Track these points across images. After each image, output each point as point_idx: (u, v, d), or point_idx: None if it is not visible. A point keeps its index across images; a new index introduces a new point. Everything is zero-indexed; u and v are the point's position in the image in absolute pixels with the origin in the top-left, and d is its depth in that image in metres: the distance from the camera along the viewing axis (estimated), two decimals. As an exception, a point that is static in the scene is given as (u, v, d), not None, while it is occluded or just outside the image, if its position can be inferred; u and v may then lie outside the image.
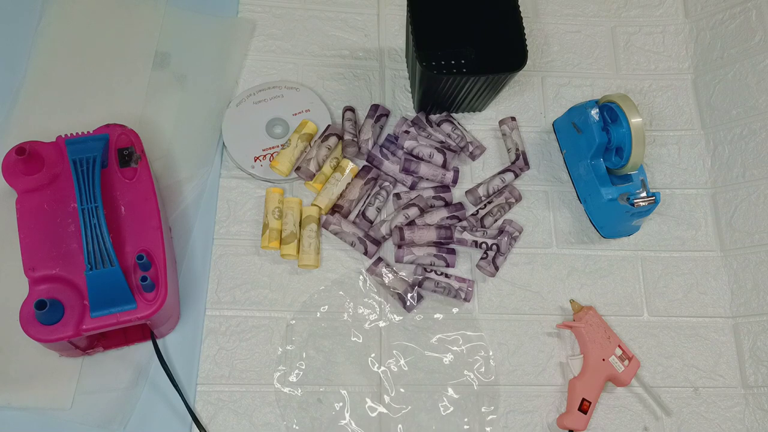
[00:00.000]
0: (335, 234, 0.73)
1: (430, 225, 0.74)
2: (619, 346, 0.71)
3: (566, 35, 0.88)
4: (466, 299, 0.72)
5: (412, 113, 0.81)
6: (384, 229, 0.73)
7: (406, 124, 0.77)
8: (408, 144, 0.76)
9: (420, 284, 0.72)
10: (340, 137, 0.76)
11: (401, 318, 0.72)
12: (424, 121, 0.79)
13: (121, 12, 0.80)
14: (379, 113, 0.78)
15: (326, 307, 0.72)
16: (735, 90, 0.81)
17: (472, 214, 0.76)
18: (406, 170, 0.75)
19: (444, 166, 0.76)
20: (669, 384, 0.73)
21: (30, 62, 0.76)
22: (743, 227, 0.77)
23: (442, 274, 0.72)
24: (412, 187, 0.77)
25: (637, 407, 0.72)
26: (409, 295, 0.71)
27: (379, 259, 0.72)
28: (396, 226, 0.73)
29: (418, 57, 0.70)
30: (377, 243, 0.73)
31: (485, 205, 0.77)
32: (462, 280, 0.72)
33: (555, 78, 0.85)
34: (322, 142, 0.75)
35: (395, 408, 0.68)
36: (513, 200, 0.77)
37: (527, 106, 0.84)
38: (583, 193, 0.77)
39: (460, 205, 0.76)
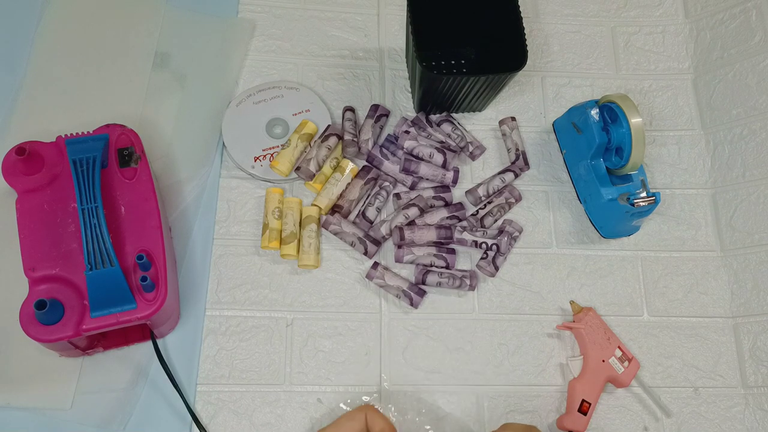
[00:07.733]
0: (335, 234, 0.73)
1: (430, 225, 0.74)
2: (619, 348, 0.71)
3: (566, 35, 0.88)
4: (471, 288, 0.72)
5: (412, 113, 0.81)
6: (384, 229, 0.73)
7: (406, 124, 0.77)
8: (408, 144, 0.76)
9: (423, 279, 0.72)
10: (340, 137, 0.76)
11: (407, 314, 0.72)
12: (424, 121, 0.78)
13: (121, 12, 0.80)
14: (379, 113, 0.78)
15: (330, 305, 0.72)
16: (735, 90, 0.81)
17: (472, 214, 0.76)
18: (406, 170, 0.75)
19: (444, 166, 0.76)
20: (669, 384, 0.73)
21: (30, 62, 0.76)
22: (743, 227, 0.77)
23: (443, 268, 0.73)
24: (412, 187, 0.77)
25: (637, 407, 0.72)
26: (414, 291, 0.71)
27: (376, 263, 0.72)
28: (396, 226, 0.73)
29: (418, 57, 0.70)
30: (377, 243, 0.73)
31: (485, 205, 0.77)
32: (464, 271, 0.72)
33: (555, 78, 0.85)
34: (322, 142, 0.75)
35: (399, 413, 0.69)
36: (513, 200, 0.77)
37: (527, 106, 0.84)
38: (583, 193, 0.77)
39: (460, 205, 0.76)
